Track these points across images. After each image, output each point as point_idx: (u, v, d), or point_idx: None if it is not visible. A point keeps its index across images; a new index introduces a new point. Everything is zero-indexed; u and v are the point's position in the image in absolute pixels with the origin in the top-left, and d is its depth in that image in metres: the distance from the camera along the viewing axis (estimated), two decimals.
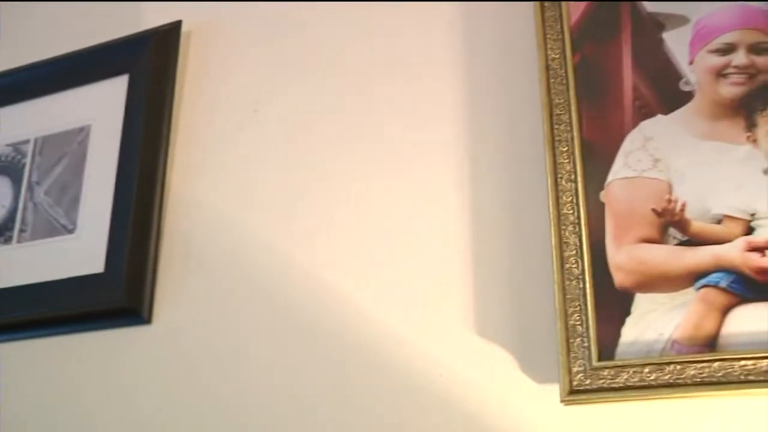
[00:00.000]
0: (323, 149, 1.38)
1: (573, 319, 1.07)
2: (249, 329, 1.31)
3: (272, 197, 1.39)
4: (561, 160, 1.15)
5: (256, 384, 1.27)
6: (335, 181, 1.35)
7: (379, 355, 1.21)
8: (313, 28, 1.48)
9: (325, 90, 1.42)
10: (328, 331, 1.26)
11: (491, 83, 1.29)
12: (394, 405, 1.18)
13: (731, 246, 1.04)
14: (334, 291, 1.28)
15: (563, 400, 1.05)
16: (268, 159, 1.42)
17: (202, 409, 1.29)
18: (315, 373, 1.24)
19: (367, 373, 1.21)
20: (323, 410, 1.22)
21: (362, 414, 1.19)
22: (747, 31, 1.12)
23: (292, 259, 1.33)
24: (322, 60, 1.44)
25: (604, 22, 1.21)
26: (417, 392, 1.17)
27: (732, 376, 0.98)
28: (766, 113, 1.07)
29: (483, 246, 1.21)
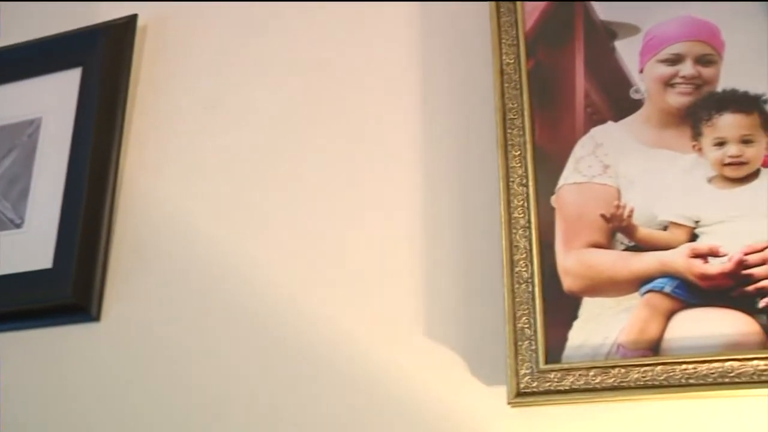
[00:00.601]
0: (277, 148, 1.37)
1: (521, 323, 1.09)
2: (199, 328, 1.30)
3: (225, 195, 1.38)
4: (513, 164, 1.16)
5: (205, 382, 1.26)
6: (288, 180, 1.34)
7: (328, 354, 1.21)
8: (269, 28, 1.47)
9: (280, 89, 1.41)
10: (278, 330, 1.25)
11: (446, 86, 1.30)
12: (342, 404, 1.18)
13: (676, 252, 1.06)
14: (284, 290, 1.27)
15: (510, 402, 1.06)
16: (223, 157, 1.41)
17: (150, 407, 1.28)
18: (263, 370, 1.24)
19: (316, 371, 1.21)
20: (271, 407, 1.21)
21: (310, 412, 1.19)
22: (694, 43, 1.15)
23: (243, 257, 1.32)
24: (278, 59, 1.44)
25: (558, 29, 1.23)
26: (365, 392, 1.17)
27: (673, 379, 1.00)
28: (711, 123, 1.09)
29: (434, 248, 1.21)
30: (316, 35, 1.43)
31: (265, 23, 1.48)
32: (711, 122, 1.10)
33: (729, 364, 0.98)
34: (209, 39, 1.51)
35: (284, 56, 1.43)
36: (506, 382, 1.07)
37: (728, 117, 1.09)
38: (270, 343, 1.25)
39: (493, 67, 1.22)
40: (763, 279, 1.01)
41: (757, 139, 1.07)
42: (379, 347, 1.19)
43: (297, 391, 1.21)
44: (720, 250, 1.04)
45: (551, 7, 1.24)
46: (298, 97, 1.39)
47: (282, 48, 1.44)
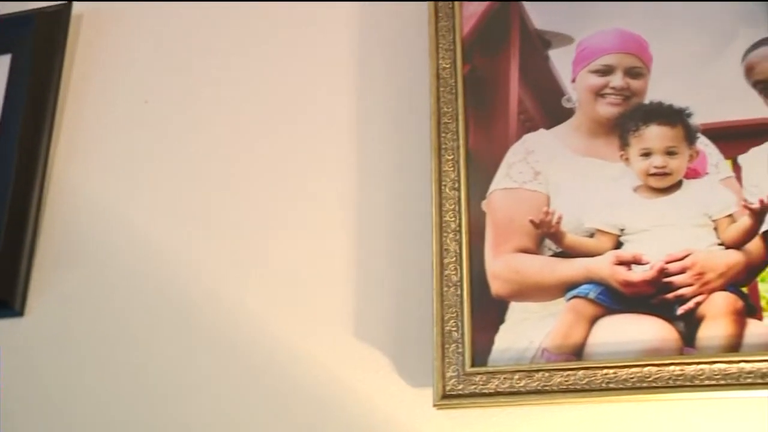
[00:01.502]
0: (213, 145, 1.36)
1: (449, 325, 1.09)
2: (126, 325, 1.27)
3: (158, 191, 1.36)
4: (446, 168, 1.17)
5: (130, 379, 1.24)
6: (221, 179, 1.33)
7: (256, 353, 1.20)
8: (208, 23, 1.45)
9: (217, 85, 1.40)
10: (206, 329, 1.24)
11: (383, 88, 1.30)
12: (268, 403, 1.17)
13: (601, 259, 1.08)
14: (214, 289, 1.26)
15: (436, 404, 1.07)
16: (156, 152, 1.39)
17: (74, 405, 1.25)
18: (189, 369, 1.22)
19: (243, 370, 1.20)
20: (196, 405, 1.20)
21: (234, 411, 1.18)
22: (624, 55, 1.17)
23: (174, 255, 1.30)
24: (216, 55, 1.42)
25: (494, 36, 1.24)
26: (293, 392, 1.17)
27: (595, 384, 1.02)
28: (638, 134, 1.12)
29: (366, 249, 1.21)
30: (255, 34, 1.41)
31: (205, 21, 1.46)
32: (638, 133, 1.12)
33: (647, 369, 1.01)
34: (147, 31, 1.49)
35: (222, 53, 1.42)
36: (432, 384, 1.08)
37: (654, 128, 1.11)
38: (197, 342, 1.23)
39: (430, 71, 1.23)
40: (682, 287, 1.04)
41: (681, 151, 1.10)
42: (307, 347, 1.19)
43: (223, 390, 1.20)
44: (643, 258, 1.07)
45: (488, 13, 1.25)
46: (234, 96, 1.38)
47: (220, 45, 1.43)
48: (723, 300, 1.03)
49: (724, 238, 1.06)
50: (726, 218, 1.07)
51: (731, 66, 1.13)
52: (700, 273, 1.05)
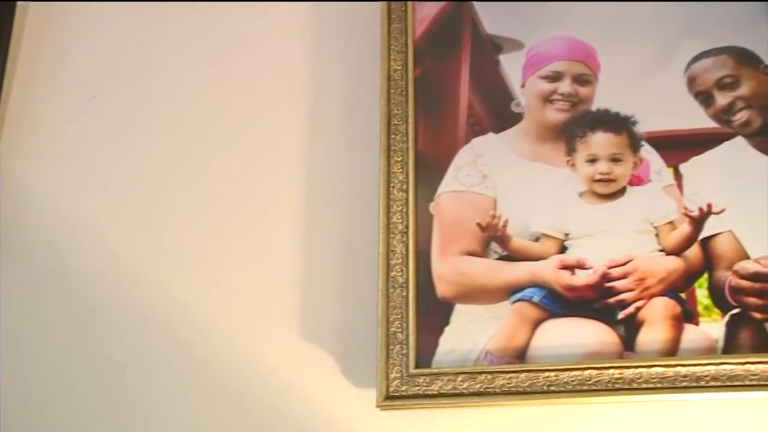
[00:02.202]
0: (162, 143, 1.34)
1: (394, 327, 1.10)
2: (68, 323, 1.25)
3: (104, 187, 1.33)
4: (395, 169, 1.17)
5: (82, 376, 1.22)
6: (170, 175, 1.31)
7: (204, 351, 1.19)
8: (161, 21, 1.43)
9: (167, 81, 1.38)
10: (153, 327, 1.22)
11: (334, 88, 1.30)
12: (214, 401, 1.16)
13: (546, 263, 1.10)
14: (162, 287, 1.24)
15: (379, 405, 1.07)
16: (103, 147, 1.36)
17: (28, 401, 1.22)
18: (140, 366, 1.20)
19: (191, 368, 1.19)
20: (147, 403, 1.18)
21: (182, 409, 1.17)
22: (573, 62, 1.19)
23: (119, 251, 1.28)
24: (168, 53, 1.40)
25: (446, 40, 1.25)
26: (237, 391, 1.16)
27: (536, 386, 1.04)
28: (585, 140, 1.13)
29: (313, 249, 1.21)
30: (208, 33, 1.40)
31: (158, 18, 1.43)
32: (584, 139, 1.14)
33: (588, 373, 1.02)
34: (97, 24, 1.46)
35: (174, 52, 1.40)
36: (376, 385, 1.08)
37: (600, 135, 1.13)
38: (147, 340, 1.22)
39: (381, 73, 1.23)
40: (623, 292, 1.06)
41: (625, 158, 1.12)
42: (253, 346, 1.18)
43: (168, 387, 1.18)
44: (586, 262, 1.08)
45: (441, 17, 1.26)
46: (186, 93, 1.36)
47: (172, 41, 1.41)
48: (662, 305, 1.05)
49: (664, 244, 1.08)
50: (667, 225, 1.09)
51: (675, 77, 1.15)
52: (641, 278, 1.06)
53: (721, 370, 1.00)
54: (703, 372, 1.00)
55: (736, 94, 1.13)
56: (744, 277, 1.03)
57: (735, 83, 1.13)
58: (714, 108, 1.13)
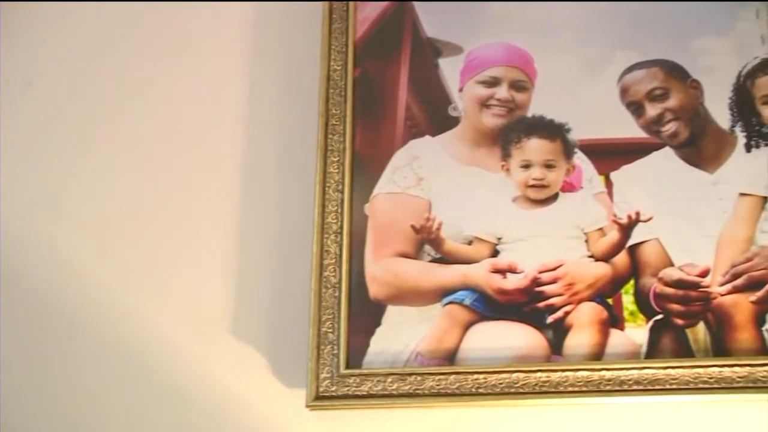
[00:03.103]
0: (96, 134, 1.31)
1: (326, 327, 1.09)
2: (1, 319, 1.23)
3: (38, 179, 1.30)
4: (331, 169, 1.17)
5: (5, 373, 1.19)
6: (103, 172, 1.28)
7: (133, 348, 1.17)
8: (99, 13, 1.40)
9: (104, 76, 1.35)
10: (83, 324, 1.20)
11: (274, 87, 1.29)
12: (143, 399, 1.15)
13: (478, 266, 1.10)
14: (92, 283, 1.22)
15: (309, 405, 1.07)
16: (37, 139, 1.32)
17: None
18: (68, 365, 1.18)
19: (121, 366, 1.17)
20: (75, 400, 1.16)
21: (111, 407, 1.15)
22: (511, 68, 1.20)
23: (50, 250, 1.24)
24: (106, 46, 1.37)
25: (387, 41, 1.25)
26: (166, 389, 1.15)
27: (465, 388, 1.04)
28: (519, 146, 1.15)
29: (246, 248, 1.20)
30: (147, 32, 1.37)
31: (98, 16, 1.39)
32: (519, 145, 1.15)
33: (516, 376, 1.04)
34: (32, 13, 1.42)
35: (114, 49, 1.37)
36: (306, 385, 1.07)
37: (535, 141, 1.14)
38: (76, 339, 1.19)
39: (320, 73, 1.22)
40: (553, 296, 1.08)
41: (559, 165, 1.14)
42: (183, 344, 1.17)
43: (96, 384, 1.16)
44: (518, 266, 1.09)
45: (382, 18, 1.26)
46: (121, 88, 1.34)
47: (111, 37, 1.38)
48: (590, 310, 1.07)
49: (593, 250, 1.11)
50: (597, 231, 1.11)
51: (608, 86, 1.18)
52: (570, 283, 1.08)
53: (643, 374, 1.02)
54: (626, 376, 1.03)
55: (665, 106, 1.15)
56: (668, 284, 1.06)
57: (665, 95, 1.16)
58: (644, 118, 1.16)
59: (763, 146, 1.12)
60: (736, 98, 1.14)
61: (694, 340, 1.05)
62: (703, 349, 1.04)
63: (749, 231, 1.08)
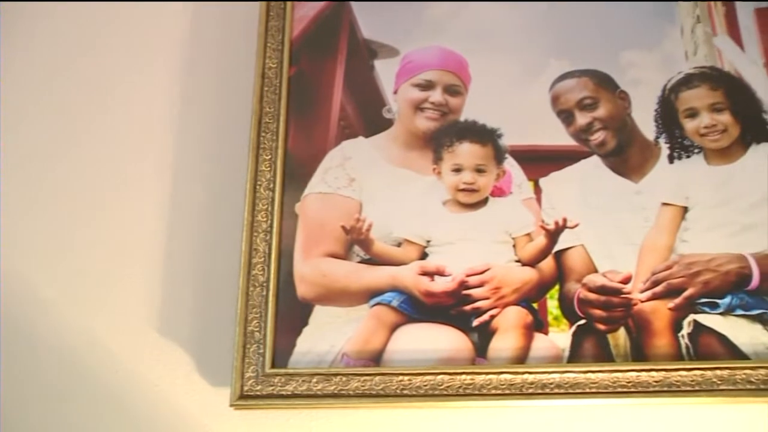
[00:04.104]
0: (25, 136, 1.28)
1: (252, 326, 1.09)
2: None
3: None
4: (263, 167, 1.16)
5: None
6: (32, 169, 1.26)
7: (60, 344, 1.15)
8: (38, 18, 1.37)
9: (42, 78, 1.32)
10: (8, 321, 1.17)
11: (209, 85, 1.28)
12: (66, 396, 1.13)
13: (406, 268, 1.11)
14: (17, 278, 1.19)
15: (233, 403, 1.06)
16: None
17: None
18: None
19: (42, 361, 1.14)
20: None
21: (28, 403, 1.12)
22: (445, 73, 1.21)
23: None
24: (43, 49, 1.34)
25: (323, 41, 1.25)
26: (89, 386, 1.13)
27: (390, 389, 1.05)
28: (451, 150, 1.16)
29: (175, 245, 1.19)
30: (84, 31, 1.35)
31: (34, 16, 1.37)
32: (451, 149, 1.16)
33: (440, 378, 1.05)
34: None
35: (48, 49, 1.34)
36: (231, 383, 1.06)
37: (466, 146, 1.15)
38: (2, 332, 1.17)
39: (255, 70, 1.22)
40: (479, 300, 1.09)
41: (489, 170, 1.15)
42: (108, 340, 1.15)
43: (21, 382, 1.14)
44: (446, 269, 1.10)
45: (319, 18, 1.26)
46: (54, 84, 1.31)
47: (48, 41, 1.35)
48: (515, 314, 1.08)
49: (520, 255, 1.12)
50: (524, 237, 1.13)
51: (540, 94, 1.20)
52: (497, 287, 1.10)
53: (565, 378, 1.04)
54: (548, 380, 1.04)
55: (594, 115, 1.18)
56: (591, 290, 1.08)
57: (594, 105, 1.18)
58: (574, 127, 1.18)
59: (685, 158, 1.16)
60: (661, 111, 1.17)
61: (615, 345, 1.07)
62: (623, 354, 1.06)
63: (670, 240, 1.12)
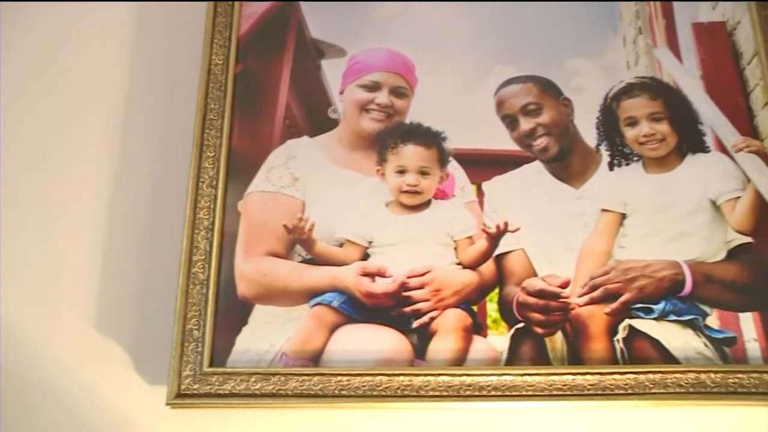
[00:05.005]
0: None
1: (191, 324, 1.08)
2: None
3: None
4: (206, 165, 1.15)
5: None
6: None
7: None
8: None
9: None
10: None
11: (154, 80, 1.27)
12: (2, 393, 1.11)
13: (348, 269, 1.11)
14: None
15: (169, 402, 1.05)
16: None
17: None
18: None
19: None
20: None
21: None
22: (392, 74, 1.22)
23: None
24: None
25: (271, 39, 1.24)
26: (25, 383, 1.10)
27: (328, 390, 1.05)
28: (396, 151, 1.16)
29: (116, 241, 1.17)
30: (30, 31, 1.32)
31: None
32: (396, 150, 1.16)
33: (378, 379, 1.05)
34: None
35: None
36: (168, 382, 1.05)
37: (411, 148, 1.16)
38: None
39: (201, 66, 1.20)
40: (419, 302, 1.09)
41: (433, 172, 1.15)
42: (45, 337, 1.13)
43: None
44: (387, 271, 1.10)
45: (267, 15, 1.25)
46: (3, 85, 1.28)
47: None
48: (454, 316, 1.09)
49: (461, 258, 1.13)
50: (466, 240, 1.14)
51: (485, 98, 1.21)
52: (437, 289, 1.10)
53: (502, 381, 1.05)
54: (486, 382, 1.05)
55: (538, 121, 1.19)
56: (530, 294, 1.09)
57: (538, 110, 1.20)
58: (518, 132, 1.20)
59: (625, 165, 1.18)
60: (603, 118, 1.19)
61: (552, 348, 1.08)
62: (560, 358, 1.08)
63: (608, 245, 1.14)
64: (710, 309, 1.09)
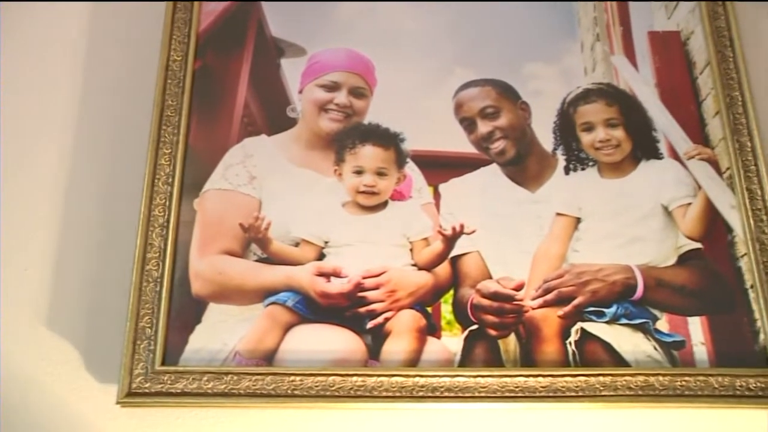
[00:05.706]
0: None
1: (144, 322, 1.07)
2: None
3: None
4: (162, 161, 1.14)
5: None
6: None
7: None
8: None
9: None
10: None
11: (111, 76, 1.25)
12: None
13: (303, 269, 1.11)
14: None
15: (120, 401, 1.04)
16: None
17: None
18: None
19: None
20: None
21: None
22: (351, 75, 1.22)
23: None
24: None
25: (230, 36, 1.24)
26: None
27: (281, 390, 1.04)
28: (354, 152, 1.16)
29: (68, 238, 1.16)
30: None
31: None
32: (353, 151, 1.16)
33: (332, 379, 1.05)
34: None
35: None
36: (118, 380, 1.04)
37: (369, 149, 1.16)
38: None
39: (159, 62, 1.19)
40: (374, 302, 1.09)
41: (390, 173, 1.16)
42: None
43: None
44: (342, 271, 1.10)
45: (227, 13, 1.24)
46: None
47: None
48: (409, 317, 1.09)
49: (417, 259, 1.13)
50: (422, 241, 1.14)
51: (444, 100, 1.21)
52: (392, 290, 1.10)
53: (455, 382, 1.06)
54: (439, 383, 1.06)
55: (495, 124, 1.20)
56: (485, 296, 1.10)
57: (496, 114, 1.21)
58: (475, 135, 1.20)
59: (580, 170, 1.19)
60: (560, 123, 1.21)
61: (505, 350, 1.09)
62: (513, 360, 1.08)
63: (562, 249, 1.15)
64: (660, 313, 1.11)
